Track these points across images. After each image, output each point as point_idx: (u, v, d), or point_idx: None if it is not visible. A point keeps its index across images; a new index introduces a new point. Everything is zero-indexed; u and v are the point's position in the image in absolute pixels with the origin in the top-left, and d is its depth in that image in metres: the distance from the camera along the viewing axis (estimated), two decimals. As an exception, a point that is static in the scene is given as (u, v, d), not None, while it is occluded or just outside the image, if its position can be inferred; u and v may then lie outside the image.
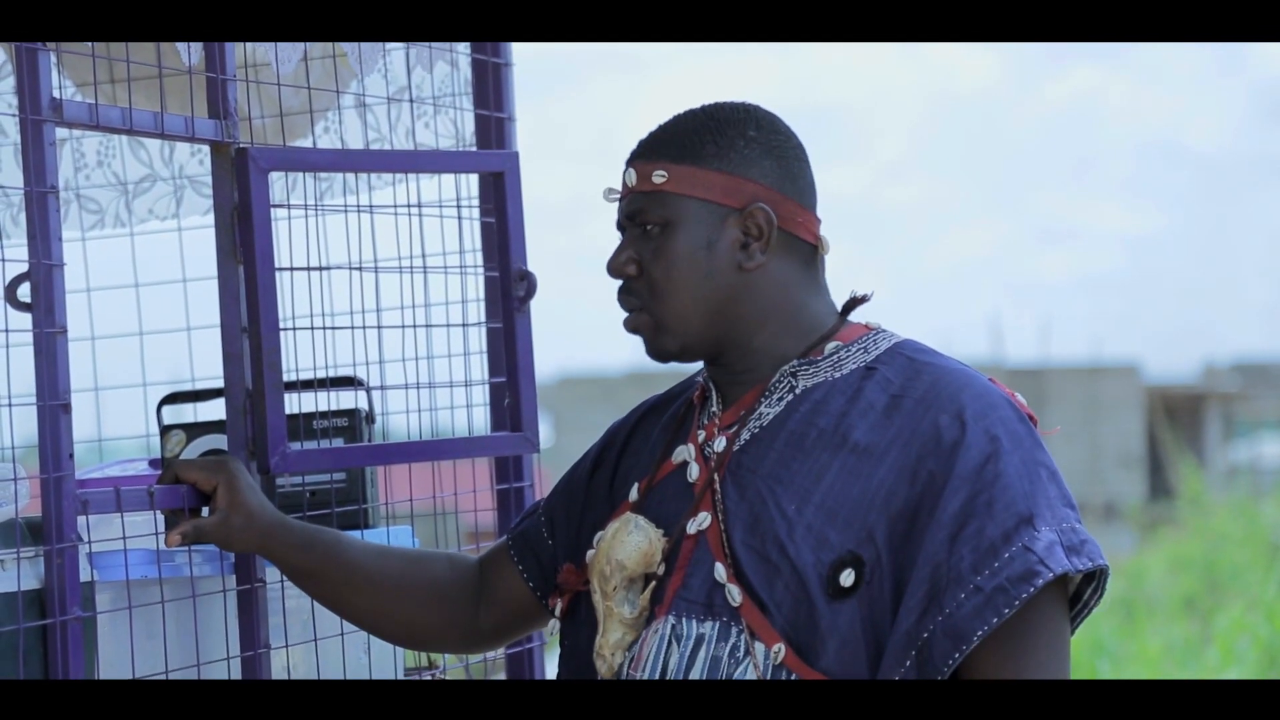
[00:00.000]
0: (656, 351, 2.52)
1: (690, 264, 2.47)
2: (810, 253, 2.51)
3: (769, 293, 2.49)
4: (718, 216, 2.48)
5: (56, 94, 2.61)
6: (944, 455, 2.37)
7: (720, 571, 2.42)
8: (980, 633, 2.31)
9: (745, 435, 2.48)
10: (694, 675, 2.41)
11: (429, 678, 3.27)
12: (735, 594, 2.40)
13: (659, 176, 2.48)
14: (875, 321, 2.54)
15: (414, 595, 2.70)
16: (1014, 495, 2.35)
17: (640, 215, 2.50)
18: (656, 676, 2.43)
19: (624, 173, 2.53)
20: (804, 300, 2.51)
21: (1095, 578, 2.40)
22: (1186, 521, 19.47)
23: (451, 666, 3.32)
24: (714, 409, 2.54)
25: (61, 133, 3.42)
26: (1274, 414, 33.57)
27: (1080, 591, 2.41)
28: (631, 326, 2.52)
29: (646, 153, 2.51)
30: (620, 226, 2.54)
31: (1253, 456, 31.09)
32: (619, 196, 2.54)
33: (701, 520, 2.46)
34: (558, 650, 2.62)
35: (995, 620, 2.31)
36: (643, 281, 2.50)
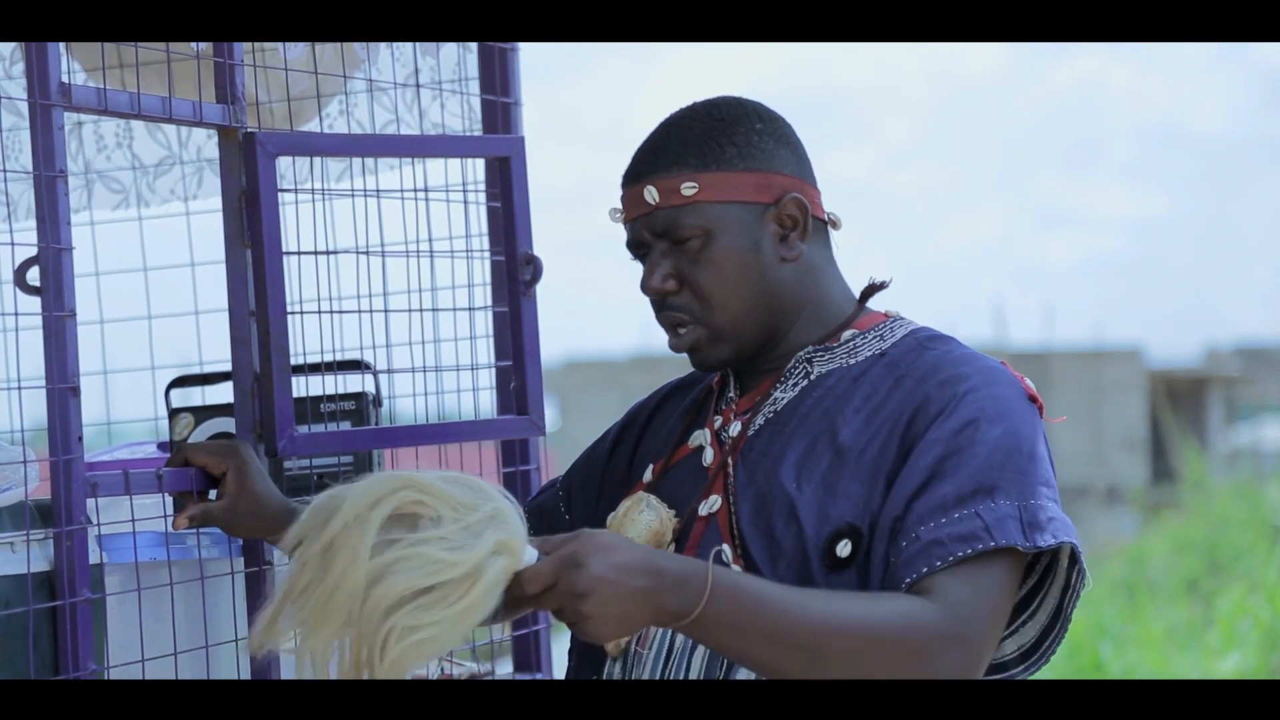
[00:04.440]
0: (709, 362, 2.50)
1: (741, 268, 2.46)
2: (825, 231, 2.53)
3: (806, 280, 2.50)
4: (755, 215, 2.47)
5: (65, 79, 2.62)
6: (928, 419, 2.39)
7: (727, 553, 2.44)
8: (908, 580, 2.30)
9: (760, 420, 2.50)
10: (698, 653, 2.43)
11: (435, 660, 3.28)
12: None
13: (689, 188, 2.45)
14: (894, 309, 2.55)
15: None
16: (982, 464, 2.35)
17: (675, 230, 2.46)
18: (662, 654, 2.46)
19: (640, 190, 2.48)
20: (829, 285, 2.52)
21: (1077, 561, 2.40)
22: (1189, 504, 19.46)
23: (458, 649, 3.32)
24: (731, 395, 2.55)
25: (81, 114, 3.43)
26: (1276, 397, 33.55)
27: (1069, 580, 2.42)
28: (687, 345, 2.49)
29: (663, 166, 2.47)
30: (634, 245, 2.51)
31: (1254, 440, 31.06)
32: (633, 216, 2.49)
33: (713, 503, 2.48)
34: (566, 631, 2.63)
35: (925, 570, 2.29)
36: (686, 295, 2.48)
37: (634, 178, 2.49)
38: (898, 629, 2.26)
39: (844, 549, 2.38)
